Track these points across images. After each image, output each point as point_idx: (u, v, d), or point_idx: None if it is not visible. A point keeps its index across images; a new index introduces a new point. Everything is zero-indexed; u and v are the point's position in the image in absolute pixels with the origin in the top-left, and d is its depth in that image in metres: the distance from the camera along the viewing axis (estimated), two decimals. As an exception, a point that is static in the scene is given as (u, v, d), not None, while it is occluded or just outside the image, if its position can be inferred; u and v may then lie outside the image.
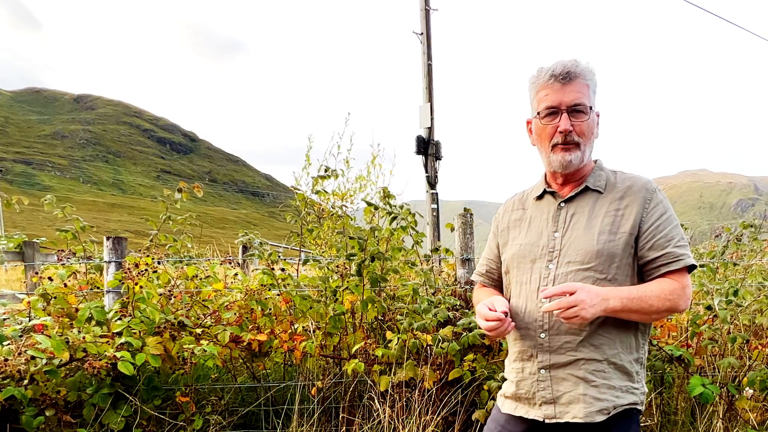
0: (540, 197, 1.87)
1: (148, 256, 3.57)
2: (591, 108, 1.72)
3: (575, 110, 1.70)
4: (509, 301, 1.85)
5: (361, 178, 7.04)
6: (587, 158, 1.77)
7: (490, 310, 1.72)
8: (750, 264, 4.51)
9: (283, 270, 3.73)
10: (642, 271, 1.73)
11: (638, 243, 1.70)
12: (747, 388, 3.46)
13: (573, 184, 1.81)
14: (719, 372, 3.55)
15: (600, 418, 1.65)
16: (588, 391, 1.66)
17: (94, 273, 3.88)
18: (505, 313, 1.69)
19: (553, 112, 1.72)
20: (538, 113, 1.75)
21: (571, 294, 1.56)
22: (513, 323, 1.73)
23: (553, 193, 1.84)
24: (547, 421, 1.71)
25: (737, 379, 3.56)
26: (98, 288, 3.84)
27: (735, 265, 4.16)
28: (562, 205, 1.80)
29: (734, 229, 4.38)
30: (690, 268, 1.70)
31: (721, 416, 3.51)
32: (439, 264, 4.63)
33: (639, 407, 1.72)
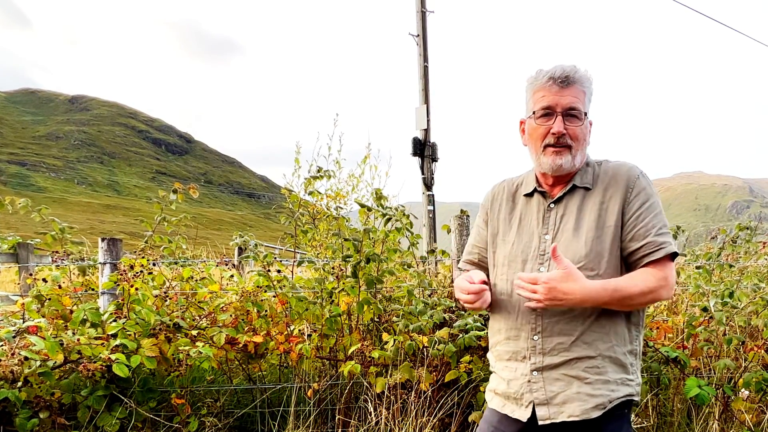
0: (529, 195, 1.87)
1: (143, 257, 3.55)
2: (585, 114, 1.73)
3: (570, 114, 1.71)
4: (499, 302, 1.85)
5: (352, 176, 7.03)
6: (579, 163, 1.76)
7: (470, 283, 1.73)
8: (745, 266, 4.52)
9: (278, 272, 3.72)
10: (627, 262, 1.73)
11: (621, 233, 1.71)
12: (743, 390, 3.47)
13: (563, 184, 1.81)
14: (715, 373, 3.56)
15: (596, 414, 1.66)
16: (582, 389, 1.67)
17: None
18: (484, 282, 1.71)
19: (548, 113, 1.72)
20: (534, 113, 1.76)
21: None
22: (489, 295, 1.75)
23: (543, 193, 1.83)
24: (541, 422, 1.70)
25: (733, 381, 3.57)
26: (93, 290, 3.82)
27: (731, 266, 4.16)
28: (552, 206, 1.80)
29: (730, 231, 4.39)
30: (672, 256, 1.70)
31: (717, 417, 3.51)
32: (435, 266, 4.62)
33: (635, 398, 1.74)
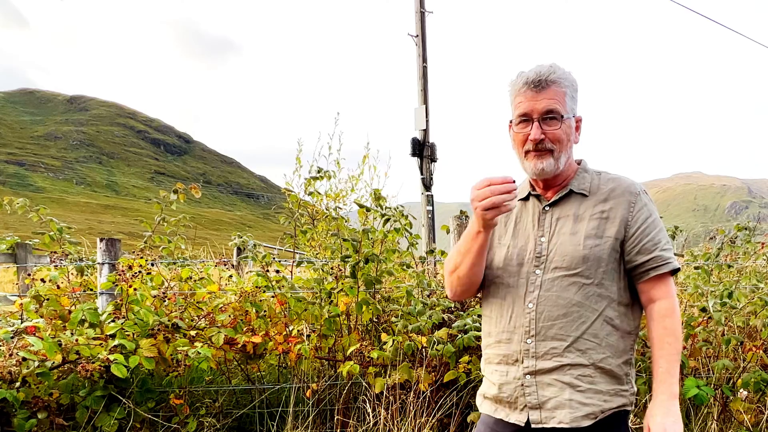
0: (525, 199, 1.86)
1: (141, 257, 3.55)
2: (563, 116, 1.71)
3: (548, 118, 1.69)
4: (491, 305, 1.83)
5: (353, 178, 7.02)
6: (563, 165, 1.75)
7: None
8: (744, 266, 4.52)
9: (277, 272, 3.72)
10: (630, 275, 1.74)
11: (625, 247, 1.71)
12: (741, 390, 3.47)
13: (556, 188, 1.80)
14: (714, 374, 3.56)
15: (586, 423, 1.65)
16: (574, 396, 1.66)
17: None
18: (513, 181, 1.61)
19: (525, 120, 1.72)
20: (511, 121, 1.76)
21: None
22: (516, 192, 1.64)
23: (537, 197, 1.83)
24: (533, 426, 1.69)
25: (731, 381, 3.57)
26: (91, 290, 3.82)
27: (729, 267, 4.17)
28: (547, 209, 1.79)
29: (728, 231, 4.39)
30: (674, 272, 1.73)
31: (715, 418, 3.52)
32: (434, 266, 4.62)
33: (628, 408, 1.73)
